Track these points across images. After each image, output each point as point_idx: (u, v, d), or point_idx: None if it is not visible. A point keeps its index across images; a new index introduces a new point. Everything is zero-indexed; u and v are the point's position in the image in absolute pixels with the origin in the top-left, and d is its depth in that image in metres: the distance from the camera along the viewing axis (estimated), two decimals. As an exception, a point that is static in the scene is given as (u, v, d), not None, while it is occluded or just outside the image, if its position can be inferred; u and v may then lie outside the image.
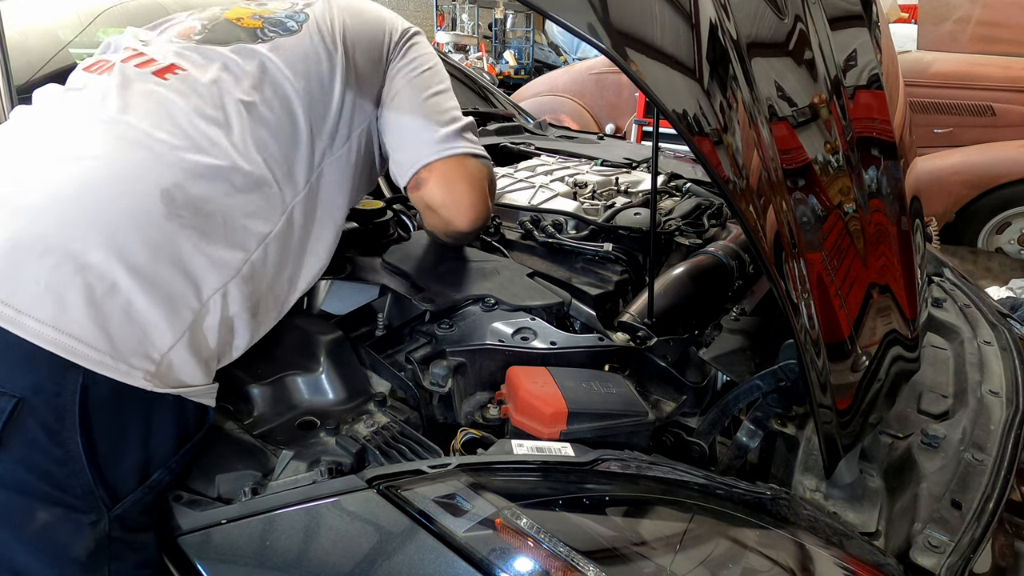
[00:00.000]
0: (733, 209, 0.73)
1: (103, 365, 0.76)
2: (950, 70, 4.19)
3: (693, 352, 1.16)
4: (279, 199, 1.00)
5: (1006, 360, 1.27)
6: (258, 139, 0.99)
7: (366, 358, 1.07)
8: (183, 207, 0.87)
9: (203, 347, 0.87)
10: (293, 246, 1.02)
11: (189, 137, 0.94)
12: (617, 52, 0.63)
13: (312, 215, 1.07)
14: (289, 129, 1.04)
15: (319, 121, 1.08)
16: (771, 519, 0.81)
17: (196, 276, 0.87)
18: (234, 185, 0.94)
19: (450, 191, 1.16)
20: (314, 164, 1.07)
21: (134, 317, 0.80)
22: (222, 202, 0.92)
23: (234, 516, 0.79)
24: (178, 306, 0.84)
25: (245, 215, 0.94)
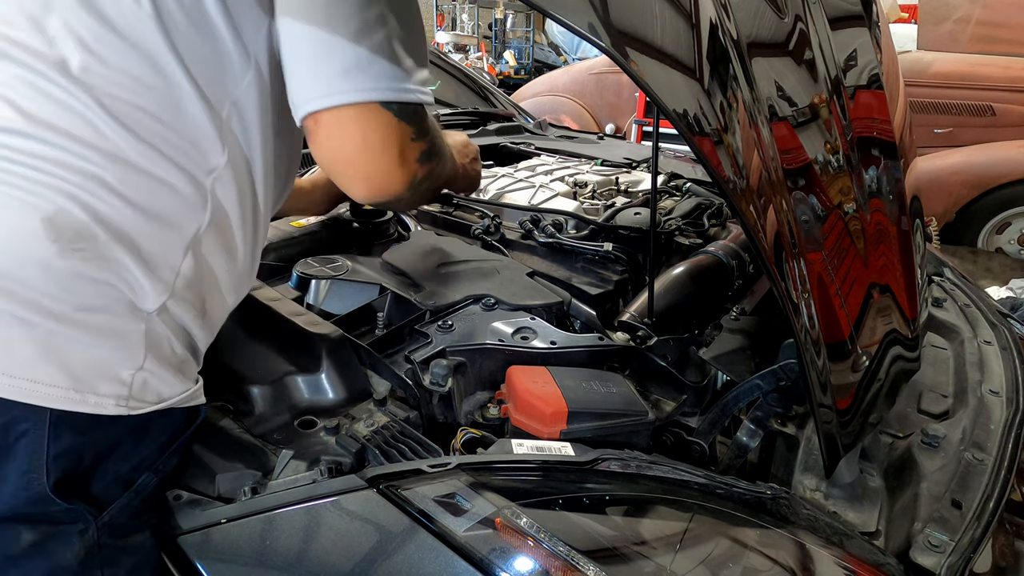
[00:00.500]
0: (733, 209, 0.73)
1: (68, 400, 0.70)
2: (950, 70, 4.19)
3: (693, 352, 1.16)
4: (191, 186, 0.80)
5: (1006, 360, 1.27)
6: (126, 118, 0.76)
7: (366, 358, 1.07)
8: (75, 238, 0.72)
9: (171, 356, 0.80)
10: (231, 228, 0.86)
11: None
12: (617, 51, 0.63)
13: (242, 181, 0.86)
14: (159, 83, 0.77)
15: (194, 49, 0.79)
16: (771, 519, 0.81)
17: (122, 313, 0.75)
18: (125, 198, 0.76)
19: (336, 154, 0.86)
20: (220, 117, 0.82)
21: (88, 349, 0.72)
22: (119, 219, 0.75)
23: (234, 516, 0.79)
24: (124, 338, 0.75)
25: (156, 224, 0.78)
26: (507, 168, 1.95)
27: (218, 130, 0.82)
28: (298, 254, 1.34)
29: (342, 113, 0.83)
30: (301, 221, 1.48)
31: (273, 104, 0.88)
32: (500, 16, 15.66)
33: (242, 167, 0.86)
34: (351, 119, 0.83)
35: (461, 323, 1.13)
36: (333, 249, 1.39)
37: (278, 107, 0.89)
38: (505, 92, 3.21)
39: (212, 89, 0.81)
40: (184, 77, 0.79)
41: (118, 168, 0.76)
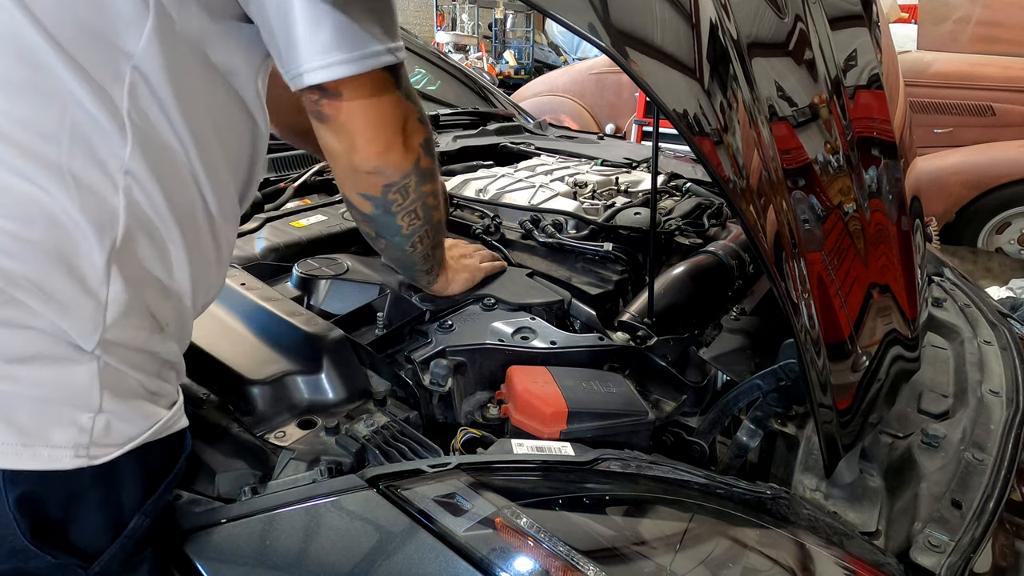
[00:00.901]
0: (733, 209, 0.73)
1: (15, 456, 0.62)
2: (950, 70, 4.19)
3: (693, 352, 1.16)
4: (89, 198, 0.64)
5: (1006, 360, 1.27)
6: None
7: (366, 358, 1.07)
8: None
9: (136, 386, 0.70)
10: (161, 234, 0.71)
11: None
12: (617, 51, 0.63)
13: (169, 170, 0.70)
14: (24, 74, 0.61)
15: (59, 9, 0.61)
16: (771, 519, 0.81)
17: (61, 356, 0.64)
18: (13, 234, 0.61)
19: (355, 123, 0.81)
20: (112, 94, 0.64)
21: (31, 400, 0.63)
22: (8, 265, 0.62)
23: (234, 516, 0.79)
24: (71, 382, 0.65)
25: (52, 259, 0.63)
26: (507, 168, 1.95)
27: (110, 110, 0.64)
28: (298, 254, 1.34)
29: (362, 85, 0.78)
30: (301, 221, 1.49)
31: (196, 60, 0.71)
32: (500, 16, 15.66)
33: (166, 154, 0.69)
34: (372, 95, 0.79)
35: (461, 323, 1.13)
36: (333, 249, 1.39)
37: (205, 65, 0.72)
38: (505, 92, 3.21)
39: (87, 52, 0.63)
40: (41, 40, 0.61)
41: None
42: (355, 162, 0.86)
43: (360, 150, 0.84)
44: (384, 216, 0.96)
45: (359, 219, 0.99)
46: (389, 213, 0.95)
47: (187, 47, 0.69)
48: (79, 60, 0.62)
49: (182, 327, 0.78)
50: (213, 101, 0.74)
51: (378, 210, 0.95)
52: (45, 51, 0.61)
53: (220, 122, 0.76)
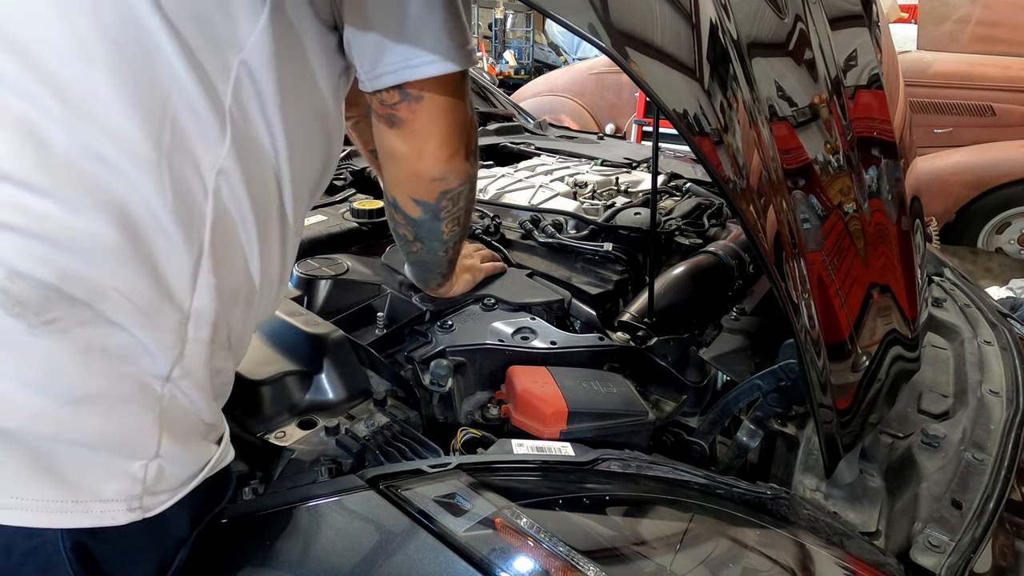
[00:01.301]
0: (733, 209, 0.73)
1: (64, 515, 0.57)
2: (950, 70, 4.19)
3: (693, 352, 1.16)
4: (182, 194, 0.61)
5: (1006, 360, 1.27)
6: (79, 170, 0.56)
7: (366, 358, 1.07)
8: (44, 305, 0.54)
9: (195, 423, 0.67)
10: (244, 245, 0.68)
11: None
12: (617, 51, 0.63)
13: (258, 170, 0.67)
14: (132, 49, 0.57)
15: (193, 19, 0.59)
16: (771, 519, 0.81)
17: (126, 393, 0.60)
18: (91, 235, 0.56)
19: (430, 126, 0.81)
20: (217, 87, 0.61)
21: (83, 450, 0.59)
22: (90, 270, 0.57)
23: (234, 516, 0.79)
24: (131, 424, 0.60)
25: (142, 261, 0.59)
26: (507, 168, 1.95)
27: (214, 104, 0.61)
28: (298, 254, 1.34)
29: (443, 87, 0.78)
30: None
31: (296, 59, 0.68)
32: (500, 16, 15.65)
33: (258, 155, 0.67)
34: (448, 96, 0.79)
35: (461, 323, 1.13)
36: (333, 249, 1.39)
37: (302, 65, 0.70)
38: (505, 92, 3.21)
39: (200, 41, 0.60)
40: (160, 26, 0.58)
41: (70, 190, 0.55)
42: (420, 168, 0.86)
43: (428, 156, 0.85)
44: (431, 221, 0.96)
45: (402, 223, 0.99)
46: (437, 219, 0.95)
47: (291, 45, 0.68)
48: (192, 49, 0.59)
49: (243, 343, 0.75)
50: (303, 103, 0.72)
51: (427, 215, 0.95)
52: (162, 36, 0.58)
53: (306, 125, 0.73)
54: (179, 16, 0.59)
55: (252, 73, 0.63)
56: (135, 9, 0.57)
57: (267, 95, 0.65)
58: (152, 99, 0.58)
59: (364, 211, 1.49)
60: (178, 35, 0.58)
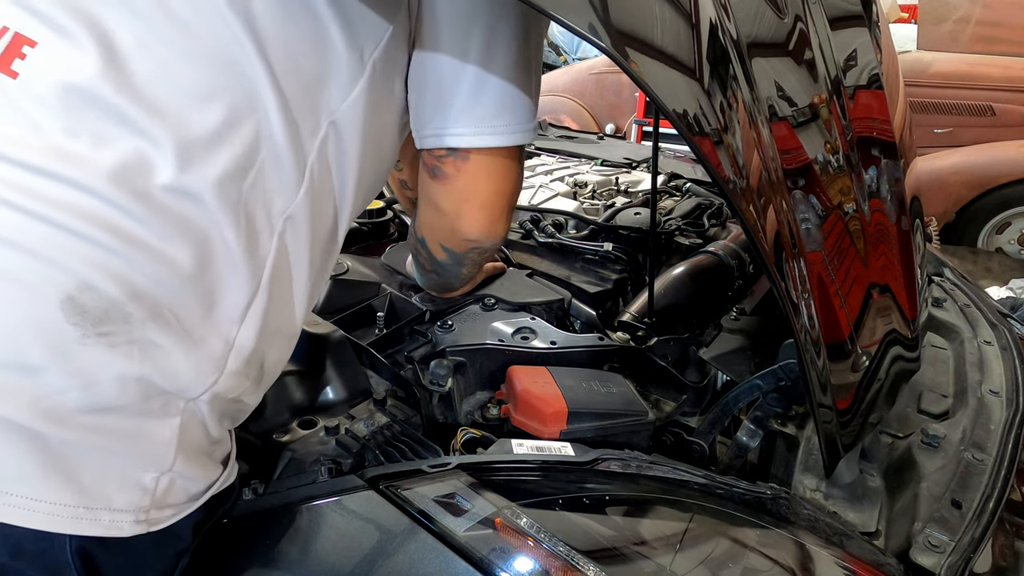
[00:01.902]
0: (733, 209, 0.73)
1: (75, 521, 0.58)
2: (950, 70, 4.18)
3: (693, 352, 1.16)
4: (249, 234, 0.64)
5: (1006, 360, 1.27)
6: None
7: (366, 358, 1.07)
8: (103, 318, 0.57)
9: (206, 444, 0.68)
10: (294, 277, 0.72)
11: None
12: (617, 51, 0.63)
13: (321, 219, 0.72)
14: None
15: (285, 49, 0.64)
16: (771, 519, 0.81)
17: (151, 409, 0.61)
18: (169, 261, 0.60)
19: (471, 192, 0.82)
20: (304, 141, 0.66)
21: (103, 456, 0.60)
22: (159, 292, 0.60)
23: (235, 515, 0.79)
24: (150, 438, 0.62)
25: (204, 293, 0.63)
26: (507, 168, 1.95)
27: (298, 158, 0.65)
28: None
29: (493, 154, 0.78)
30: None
31: (381, 122, 0.73)
32: (500, 16, 15.63)
33: (324, 203, 0.70)
34: (499, 162, 0.79)
35: (461, 323, 1.13)
36: (333, 249, 1.38)
37: (385, 125, 0.74)
38: (505, 92, 3.20)
39: (301, 103, 0.64)
40: (268, 85, 0.62)
41: (163, 221, 0.59)
42: (458, 227, 0.86)
43: (468, 218, 0.85)
44: (454, 266, 0.98)
45: (424, 258, 0.99)
46: (460, 264, 0.97)
47: (378, 110, 0.71)
48: (290, 105, 0.64)
49: (273, 377, 0.77)
50: (375, 157, 0.76)
51: (451, 261, 0.96)
52: (265, 90, 0.62)
53: (370, 174, 0.77)
54: (283, 73, 0.63)
55: (339, 133, 0.68)
56: (243, 62, 0.61)
57: (348, 153, 0.69)
58: (247, 147, 0.63)
59: (364, 211, 1.49)
60: (280, 91, 0.63)
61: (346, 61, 0.66)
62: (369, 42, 0.67)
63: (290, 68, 0.63)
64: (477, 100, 0.74)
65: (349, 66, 0.66)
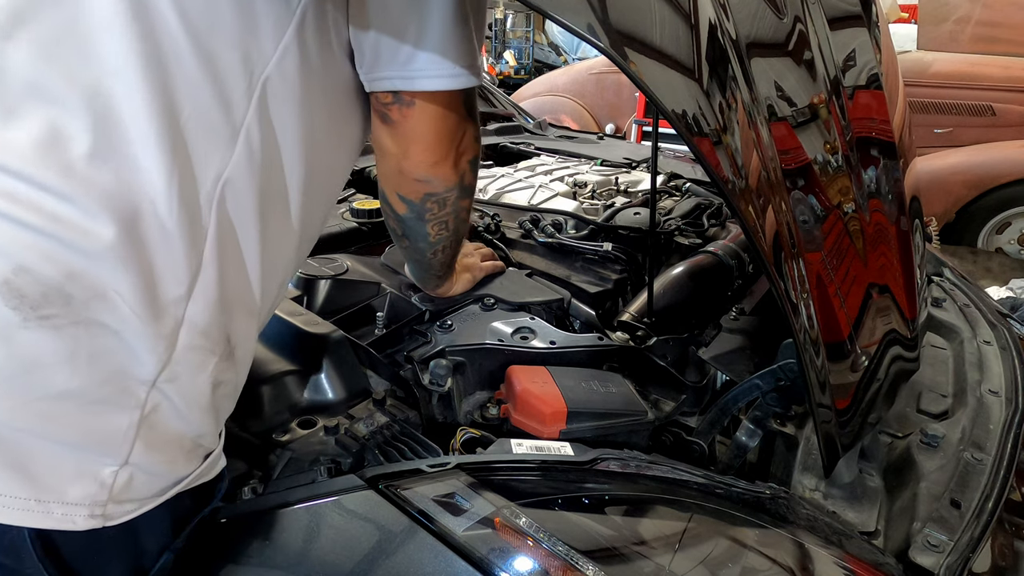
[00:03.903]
0: (732, 209, 0.73)
1: (26, 514, 0.57)
2: (950, 70, 4.19)
3: (693, 351, 1.17)
4: (185, 198, 0.61)
5: (1006, 360, 1.27)
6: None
7: (365, 358, 1.07)
8: (42, 301, 0.56)
9: (173, 434, 0.65)
10: (245, 258, 0.69)
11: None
12: (616, 52, 0.63)
13: (267, 182, 0.68)
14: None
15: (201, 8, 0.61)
16: (770, 518, 0.81)
17: (105, 395, 0.60)
18: (100, 238, 0.58)
19: (416, 134, 0.83)
20: (231, 97, 0.63)
21: (55, 446, 0.59)
22: (98, 270, 0.58)
23: (234, 515, 0.79)
24: (105, 426, 0.60)
25: (145, 266, 0.60)
26: (507, 168, 1.95)
27: (228, 118, 0.63)
28: (298, 254, 1.34)
29: (435, 98, 0.80)
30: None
31: (323, 77, 0.71)
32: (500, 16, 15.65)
33: (271, 166, 0.68)
34: (440, 106, 0.81)
35: (461, 323, 1.13)
36: (333, 249, 1.39)
37: (330, 83, 0.73)
38: (505, 92, 3.21)
39: (227, 60, 0.62)
40: (185, 43, 0.59)
41: (87, 195, 0.57)
42: (404, 167, 0.88)
43: (413, 157, 0.86)
44: (416, 221, 0.97)
45: (390, 216, 1.01)
46: (421, 220, 0.97)
47: (320, 61, 0.70)
48: (213, 59, 0.61)
49: (247, 352, 0.75)
50: (323, 121, 0.75)
51: (412, 214, 0.96)
52: (182, 44, 0.60)
53: (324, 141, 0.76)
54: (203, 29, 0.61)
55: (275, 89, 0.66)
56: (158, 17, 0.59)
57: (289, 110, 0.68)
58: (169, 107, 0.61)
59: (364, 211, 1.50)
60: (199, 44, 0.61)
61: (271, 10, 0.63)
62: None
63: (210, 23, 0.61)
64: (421, 43, 0.74)
65: (275, 14, 0.64)
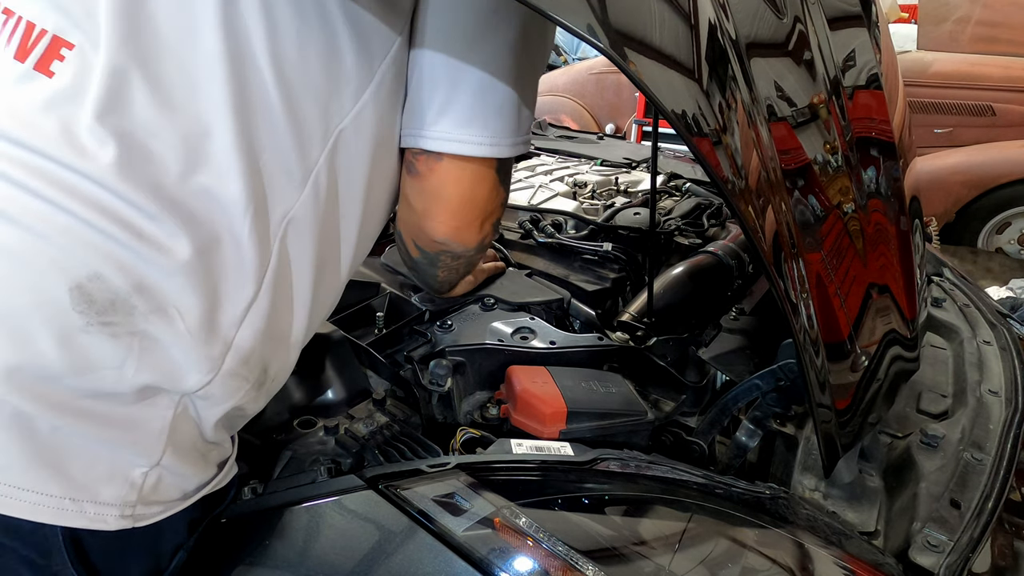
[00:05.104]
0: (732, 209, 0.73)
1: (59, 512, 0.59)
2: (950, 70, 4.18)
3: (692, 351, 1.16)
4: (254, 235, 0.65)
5: (1005, 360, 1.27)
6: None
7: (365, 358, 1.07)
8: (108, 308, 0.59)
9: (198, 443, 0.69)
10: (295, 287, 0.72)
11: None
12: (616, 52, 0.63)
13: (326, 228, 0.72)
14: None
15: (298, 62, 0.65)
16: (770, 518, 0.81)
17: (143, 399, 0.63)
18: (175, 257, 0.61)
19: (439, 196, 0.83)
20: (311, 150, 0.68)
21: (93, 445, 0.61)
22: (164, 286, 0.62)
23: (234, 515, 0.79)
24: (140, 429, 0.63)
25: (206, 289, 0.64)
26: (507, 168, 1.95)
27: (302, 163, 0.67)
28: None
29: (465, 161, 0.78)
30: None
31: (388, 133, 0.74)
32: (500, 16, 15.63)
33: (330, 211, 0.71)
34: (471, 171, 0.79)
35: (460, 323, 1.13)
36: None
37: (391, 137, 0.75)
38: (505, 92, 3.20)
39: (309, 111, 0.66)
40: (277, 92, 0.63)
41: (173, 216, 0.61)
42: (426, 227, 0.86)
43: (435, 219, 0.85)
44: (427, 266, 0.98)
45: (403, 255, 0.99)
46: (434, 266, 0.97)
47: (388, 119, 0.73)
48: (296, 111, 0.65)
49: (277, 387, 0.78)
50: (383, 171, 0.77)
51: (424, 260, 0.96)
52: (272, 90, 0.64)
53: (379, 189, 0.78)
54: (292, 81, 0.64)
55: (348, 141, 0.69)
56: (254, 72, 0.63)
57: (358, 161, 0.71)
58: (253, 146, 0.64)
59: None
60: (288, 97, 0.64)
61: (356, 73, 0.67)
62: (379, 53, 0.69)
63: (301, 79, 0.65)
64: (449, 106, 0.74)
65: (359, 76, 0.68)
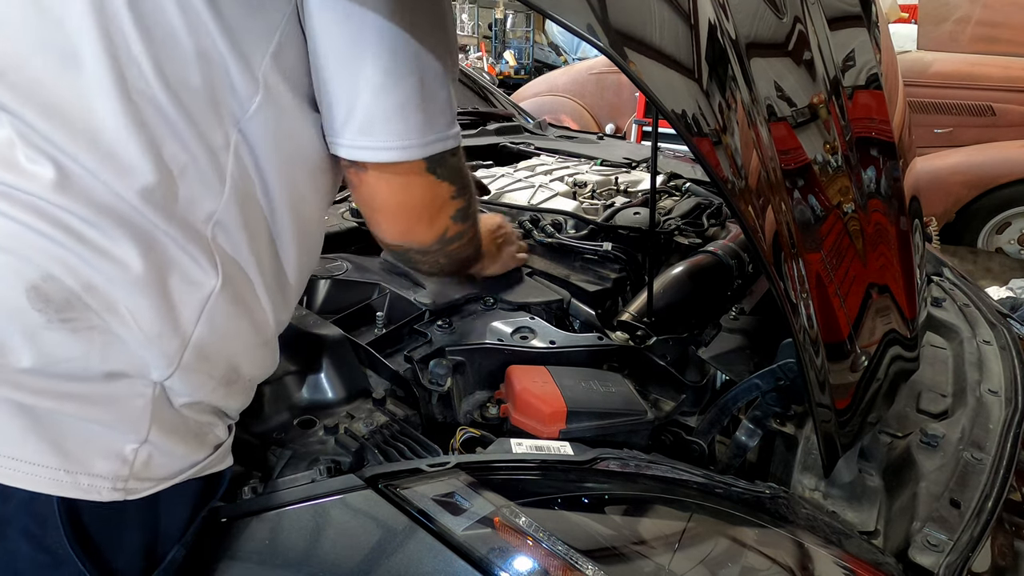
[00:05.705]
0: (732, 209, 0.74)
1: (55, 483, 0.63)
2: (950, 70, 4.19)
3: (692, 351, 1.17)
4: (191, 239, 0.68)
5: (1005, 359, 1.27)
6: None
7: (365, 357, 1.07)
8: (65, 306, 0.63)
9: (183, 424, 0.71)
10: (249, 284, 0.74)
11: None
12: (616, 52, 0.63)
13: (253, 224, 0.73)
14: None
15: (183, 79, 0.66)
16: (770, 518, 0.81)
17: (121, 381, 0.66)
18: (116, 260, 0.64)
19: (375, 203, 0.82)
20: (214, 147, 0.68)
21: (82, 421, 0.65)
22: (110, 287, 0.65)
23: (233, 515, 0.79)
24: (124, 407, 0.66)
25: (154, 291, 0.66)
26: (507, 168, 1.95)
27: (214, 164, 0.68)
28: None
29: (388, 169, 0.77)
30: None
31: (293, 132, 0.74)
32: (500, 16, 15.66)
33: (253, 210, 0.72)
34: (397, 176, 0.77)
35: (460, 322, 1.13)
36: (333, 249, 1.39)
37: (299, 136, 0.75)
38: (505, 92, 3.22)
39: (201, 113, 0.67)
40: (165, 97, 0.65)
41: (110, 223, 0.64)
42: (376, 232, 0.87)
43: (379, 225, 0.85)
44: (406, 262, 1.03)
45: (383, 245, 0.98)
46: (408, 262, 0.98)
47: (290, 119, 0.73)
48: (192, 115, 0.67)
49: (248, 384, 0.80)
50: (296, 164, 0.76)
51: (399, 258, 1.00)
52: (170, 109, 0.66)
53: (299, 184, 0.77)
54: (177, 88, 0.66)
55: (249, 141, 0.70)
56: (147, 86, 0.65)
57: (265, 161, 0.72)
58: (161, 155, 0.66)
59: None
60: (180, 102, 0.66)
61: (236, 72, 0.67)
62: (255, 53, 0.68)
63: (182, 81, 0.66)
64: (352, 112, 0.73)
65: (242, 77, 0.68)
